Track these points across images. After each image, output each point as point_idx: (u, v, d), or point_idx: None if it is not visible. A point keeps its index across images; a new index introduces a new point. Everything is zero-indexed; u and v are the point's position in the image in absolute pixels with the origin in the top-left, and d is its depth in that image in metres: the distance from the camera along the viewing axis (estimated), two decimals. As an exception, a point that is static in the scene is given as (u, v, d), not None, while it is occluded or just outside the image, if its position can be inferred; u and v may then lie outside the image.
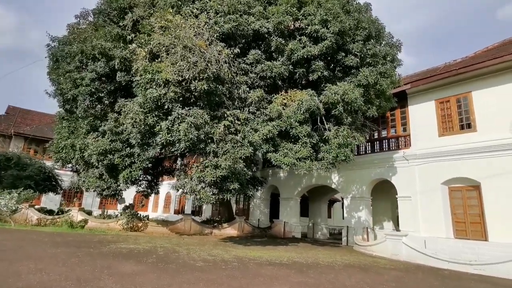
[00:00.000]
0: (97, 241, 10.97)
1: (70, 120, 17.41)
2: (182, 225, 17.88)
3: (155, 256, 8.56)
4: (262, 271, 7.41)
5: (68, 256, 7.74)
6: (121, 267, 6.85)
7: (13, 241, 9.73)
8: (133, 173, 13.18)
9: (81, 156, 14.79)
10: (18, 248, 8.35)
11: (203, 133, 10.35)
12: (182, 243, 12.20)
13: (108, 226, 16.74)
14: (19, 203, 15.60)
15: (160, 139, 10.00)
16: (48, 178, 20.86)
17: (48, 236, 11.69)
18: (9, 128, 29.82)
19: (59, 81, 13.88)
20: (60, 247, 9.11)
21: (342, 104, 11.69)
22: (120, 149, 13.19)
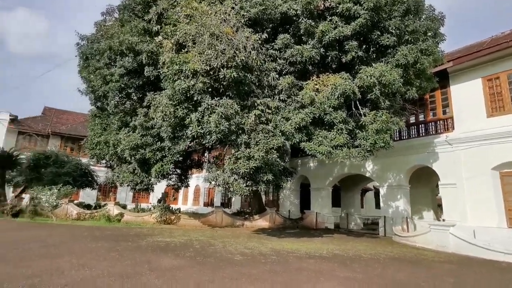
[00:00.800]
0: (134, 235, 11.11)
1: (102, 117, 17.82)
2: (213, 218, 17.92)
3: (192, 249, 8.46)
4: (303, 265, 7.05)
5: (108, 250, 7.80)
6: (160, 261, 6.76)
7: (55, 236, 10.05)
8: (165, 167, 13.21)
9: (115, 151, 15.08)
10: (60, 243, 8.55)
11: (234, 124, 10.04)
12: (216, 235, 12.12)
13: (143, 220, 17.11)
14: (59, 199, 16.27)
15: (191, 131, 9.81)
16: (85, 174, 21.66)
17: (87, 230, 12.04)
18: (46, 128, 31.39)
19: (90, 78, 14.13)
20: (100, 241, 9.27)
21: (379, 87, 10.90)
22: (151, 144, 13.25)
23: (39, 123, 32.19)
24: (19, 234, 9.95)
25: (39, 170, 20.03)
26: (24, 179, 20.12)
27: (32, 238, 9.25)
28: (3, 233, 10.22)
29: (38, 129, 31.08)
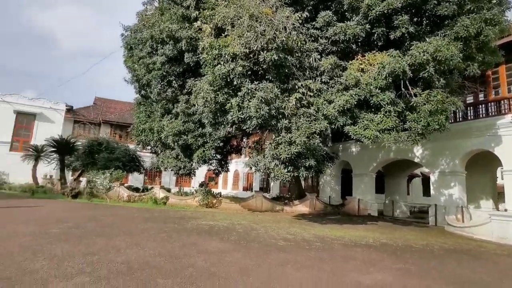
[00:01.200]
0: (179, 217, 11.59)
1: (146, 104, 18.60)
2: (253, 202, 18.13)
3: (235, 233, 8.58)
4: (351, 254, 6.78)
5: (157, 231, 8.19)
6: (206, 244, 6.93)
7: (109, 216, 10.82)
8: (206, 152, 13.50)
9: (159, 138, 15.73)
10: (114, 224, 9.17)
11: (274, 108, 9.81)
12: (257, 220, 12.22)
13: (186, 203, 17.85)
14: (112, 182, 17.50)
15: (231, 117, 9.79)
16: (133, 159, 23.02)
17: (137, 211, 12.82)
18: (98, 117, 33.77)
19: (134, 67, 14.69)
20: (149, 222, 9.79)
21: (433, 64, 9.91)
22: (193, 130, 13.57)
23: (91, 112, 34.72)
24: (78, 214, 10.87)
25: (93, 155, 21.69)
26: (81, 164, 21.94)
27: (89, 218, 10.05)
28: (64, 213, 11.23)
29: (91, 118, 33.55)
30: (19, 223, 8.31)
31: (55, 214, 10.67)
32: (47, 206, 12.99)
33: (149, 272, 4.64)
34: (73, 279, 4.16)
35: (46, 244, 6.03)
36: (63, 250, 5.65)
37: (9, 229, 7.39)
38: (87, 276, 4.31)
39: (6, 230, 7.24)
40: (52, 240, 6.39)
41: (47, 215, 10.20)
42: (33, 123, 30.81)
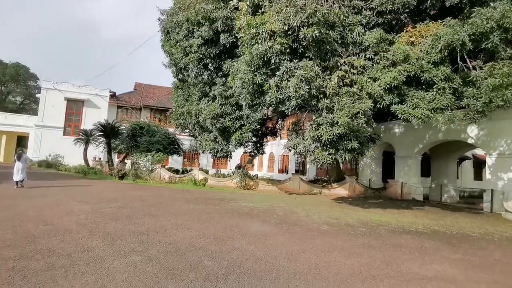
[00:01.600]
0: (219, 199, 11.81)
1: (184, 88, 18.90)
2: (290, 184, 17.99)
3: (276, 216, 8.51)
4: (401, 241, 6.39)
5: (199, 212, 8.37)
6: (248, 226, 6.93)
7: (154, 197, 11.30)
8: (244, 135, 13.46)
9: (197, 121, 16.00)
10: (159, 204, 9.54)
11: (315, 88, 9.34)
12: (295, 203, 12.07)
13: (224, 184, 18.20)
14: (154, 164, 18.29)
15: (270, 97, 9.50)
16: (172, 142, 23.81)
17: (179, 192, 13.28)
18: (139, 102, 35.24)
19: (171, 51, 14.82)
20: (191, 203, 10.07)
21: (498, 33, 8.74)
22: (230, 112, 13.53)
23: (133, 97, 36.31)
24: (125, 194, 11.49)
25: (136, 139, 22.77)
26: (125, 146, 23.18)
27: (135, 198, 10.57)
28: (113, 193, 11.94)
29: (132, 103, 35.13)
30: (75, 202, 8.95)
31: (105, 194, 11.38)
32: (97, 186, 13.94)
33: (196, 254, 4.70)
34: (126, 258, 4.32)
35: (99, 223, 6.40)
36: (115, 229, 5.94)
37: (67, 207, 7.98)
38: (139, 255, 4.45)
39: (65, 208, 7.83)
40: (104, 219, 6.77)
41: (98, 195, 10.90)
42: (82, 109, 33.01)
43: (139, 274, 3.76)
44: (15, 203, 8.31)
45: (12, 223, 5.99)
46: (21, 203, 8.34)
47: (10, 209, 7.34)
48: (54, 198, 9.60)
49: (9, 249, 4.42)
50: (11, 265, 3.82)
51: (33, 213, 7.03)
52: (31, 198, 9.26)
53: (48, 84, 32.10)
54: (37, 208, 7.65)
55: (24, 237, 5.11)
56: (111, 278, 3.62)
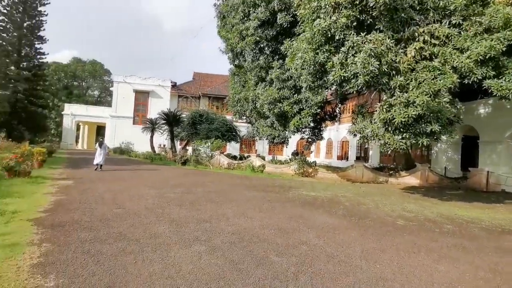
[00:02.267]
0: (279, 186, 11.48)
1: (240, 74, 18.78)
2: (353, 172, 16.87)
3: (342, 207, 7.85)
4: (503, 244, 5.26)
5: (260, 200, 8.13)
6: (313, 217, 6.44)
7: (215, 183, 11.44)
8: (303, 120, 12.80)
9: (254, 107, 15.76)
10: (220, 191, 9.57)
11: (386, 63, 8.21)
12: (361, 192, 11.14)
13: (282, 171, 17.86)
14: (214, 151, 18.75)
15: (333, 76, 8.64)
16: (230, 129, 24.17)
17: (238, 179, 13.32)
18: (197, 91, 36.57)
19: (228, 36, 14.65)
20: (251, 190, 9.91)
21: None
22: (288, 97, 12.94)
23: (192, 86, 37.84)
24: (188, 180, 11.86)
25: (196, 126, 23.65)
26: (186, 134, 24.27)
27: (197, 183, 10.81)
28: (177, 178, 12.44)
29: (191, 92, 36.62)
30: (144, 187, 9.45)
31: (169, 179, 11.90)
32: (163, 172, 14.76)
33: (260, 246, 4.39)
34: (191, 247, 4.20)
35: (165, 208, 6.53)
36: (180, 215, 5.96)
37: (137, 191, 8.42)
38: (203, 245, 4.30)
39: (135, 192, 8.27)
40: (169, 204, 6.91)
41: (164, 180, 11.43)
42: (148, 99, 35.53)
43: (204, 267, 3.57)
44: (94, 186, 9.06)
45: (90, 205, 6.42)
46: (99, 186, 9.07)
47: (90, 192, 7.98)
48: (126, 182, 10.29)
49: (86, 232, 4.64)
50: (86, 248, 3.95)
51: (108, 196, 7.52)
52: (107, 182, 10.06)
53: (119, 77, 35.14)
54: (111, 192, 8.20)
55: (99, 219, 5.38)
56: (177, 268, 3.49)
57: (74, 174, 11.95)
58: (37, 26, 29.03)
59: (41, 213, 5.62)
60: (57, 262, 3.50)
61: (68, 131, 37.51)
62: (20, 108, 27.55)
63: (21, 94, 27.71)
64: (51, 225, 4.88)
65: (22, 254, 3.65)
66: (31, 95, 29.30)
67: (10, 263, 3.38)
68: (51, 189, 8.11)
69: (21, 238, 4.22)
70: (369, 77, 8.08)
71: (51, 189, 8.09)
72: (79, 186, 8.87)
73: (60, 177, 10.77)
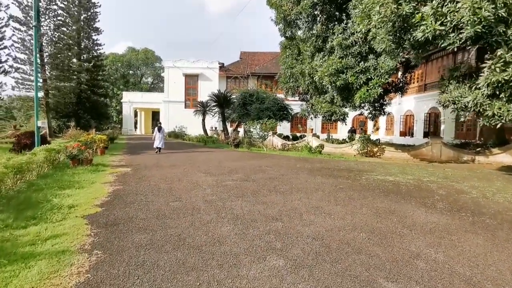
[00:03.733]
0: (345, 169, 10.10)
1: (292, 47, 17.17)
2: (428, 150, 14.58)
3: (437, 197, 6.28)
4: None
5: (332, 188, 6.93)
6: (409, 213, 5.07)
7: (273, 167, 10.46)
8: (371, 91, 10.99)
9: (311, 81, 14.21)
10: (282, 176, 8.55)
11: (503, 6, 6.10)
12: (450, 176, 9.23)
13: (343, 151, 16.24)
14: (267, 131, 17.77)
15: (424, 32, 6.77)
16: (281, 108, 22.87)
17: (297, 161, 12.19)
18: (245, 70, 35.57)
19: (280, 3, 13.10)
20: (316, 175, 8.73)
21: None
22: (353, 66, 11.17)
23: (240, 65, 36.94)
24: (244, 164, 11.08)
25: (246, 107, 22.82)
26: (237, 115, 23.64)
27: (255, 168, 9.95)
28: (232, 162, 11.75)
29: (239, 72, 35.76)
30: (200, 173, 8.86)
31: (225, 163, 11.25)
32: (217, 155, 14.26)
33: (358, 261, 3.25)
34: (265, 260, 3.24)
35: (225, 200, 5.71)
36: (243, 210, 5.08)
37: (193, 179, 7.81)
38: (280, 257, 3.31)
39: (191, 180, 7.66)
40: (229, 195, 6.09)
41: (219, 164, 10.80)
42: (197, 82, 35.64)
43: (291, 297, 2.56)
44: (151, 173, 8.70)
45: (146, 197, 5.88)
46: (155, 173, 8.69)
47: (146, 181, 7.56)
48: (181, 168, 9.85)
49: (142, 233, 3.98)
50: (141, 259, 3.23)
51: (164, 186, 6.99)
52: (163, 168, 9.70)
53: (169, 62, 35.64)
54: (167, 180, 7.70)
55: (156, 216, 4.73)
56: (254, 297, 2.54)
57: (132, 160, 11.95)
58: (93, 18, 30.37)
59: (97, 207, 5.17)
60: (106, 280, 2.79)
61: (127, 117, 39.74)
62: (84, 98, 29.56)
63: (84, 84, 29.60)
64: (105, 224, 4.32)
65: (70, 267, 3.03)
66: (93, 85, 31.21)
67: (54, 281, 2.75)
68: (110, 178, 7.88)
69: (72, 242, 3.68)
70: (480, 27, 6.07)
71: (109, 178, 7.86)
72: (136, 174, 8.58)
73: (119, 164, 10.75)
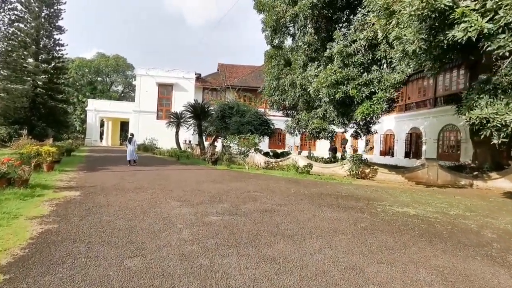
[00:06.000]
0: (349, 196, 8.52)
1: (279, 57, 15.82)
2: (424, 173, 13.54)
3: (495, 245, 4.79)
4: None
5: (353, 229, 5.23)
6: (488, 278, 3.46)
7: (264, 192, 8.65)
8: (375, 107, 9.66)
9: (302, 93, 12.78)
10: (280, 208, 6.75)
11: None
12: (471, 208, 7.93)
13: (333, 172, 14.79)
14: (249, 147, 15.98)
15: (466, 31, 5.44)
16: (263, 122, 21.28)
17: (288, 184, 10.47)
18: (223, 83, 33.95)
19: (272, 4, 11.69)
20: (320, 205, 7.03)
21: None
22: (354, 77, 9.84)
23: (217, 78, 35.29)
24: (227, 188, 9.20)
25: (225, 120, 20.99)
26: (215, 128, 21.69)
27: (243, 194, 8.11)
28: (212, 184, 9.81)
29: (217, 84, 34.05)
30: (173, 201, 6.83)
31: (204, 185, 9.27)
32: (193, 173, 12.21)
33: None
34: None
35: (213, 255, 3.79)
36: (245, 277, 3.20)
37: (164, 211, 5.78)
38: None
39: (161, 213, 5.64)
40: (218, 245, 4.17)
41: (197, 187, 8.80)
42: (171, 93, 33.38)
43: None
44: (106, 201, 6.53)
45: (89, 249, 3.80)
46: (113, 201, 6.54)
47: (95, 214, 5.42)
48: (149, 192, 7.73)
49: None
50: None
51: (121, 224, 4.91)
52: (125, 193, 7.54)
53: (142, 70, 33.18)
54: (128, 212, 5.62)
55: (98, 293, 2.72)
56: None
57: (86, 179, 9.60)
58: (56, 15, 27.36)
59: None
60: None
61: (93, 127, 36.28)
62: (40, 103, 26.12)
63: (41, 88, 26.24)
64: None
65: None
66: (51, 89, 27.83)
67: None
68: (45, 209, 5.64)
69: None
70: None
71: (44, 209, 5.62)
72: (86, 202, 6.38)
73: (67, 185, 8.40)
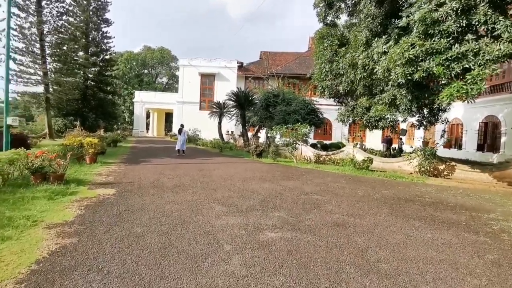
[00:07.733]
0: (438, 203, 6.63)
1: (333, 37, 13.86)
2: (519, 172, 10.86)
3: None
4: None
5: (480, 264, 3.55)
6: None
7: (326, 195, 7.14)
8: (469, 87, 7.47)
9: (363, 76, 10.82)
10: (353, 219, 5.22)
11: None
12: None
13: (399, 168, 12.65)
14: (298, 139, 14.40)
15: None
16: (312, 111, 19.47)
17: (349, 183, 8.78)
18: (266, 71, 32.44)
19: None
20: (405, 217, 5.33)
21: None
22: (441, 50, 7.70)
23: (260, 66, 33.86)
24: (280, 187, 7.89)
25: (269, 109, 19.59)
26: (258, 118, 20.39)
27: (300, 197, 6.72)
28: (262, 183, 8.53)
29: (259, 72, 32.65)
30: (217, 205, 5.64)
31: (252, 184, 8.00)
32: (237, 168, 11.04)
33: None
34: None
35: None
36: None
37: (206, 222, 4.59)
38: None
39: (203, 224, 4.45)
40: (285, 284, 2.81)
41: (244, 188, 7.55)
42: (214, 82, 32.76)
43: None
44: (140, 203, 5.55)
45: (105, 278, 2.67)
46: (148, 203, 5.53)
47: (125, 223, 4.40)
48: (189, 193, 6.65)
49: None
50: None
51: (154, 240, 3.79)
52: (163, 192, 6.55)
53: (185, 61, 32.93)
54: (164, 221, 4.53)
55: None
56: None
57: (126, 173, 8.88)
58: (103, 8, 27.95)
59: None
60: None
61: (139, 118, 37.26)
62: (90, 95, 27.03)
63: (91, 80, 27.10)
64: None
65: None
66: (100, 82, 28.69)
67: None
68: (70, 213, 4.77)
69: None
70: None
71: (69, 213, 4.75)
72: (118, 204, 5.44)
73: (106, 180, 7.68)
